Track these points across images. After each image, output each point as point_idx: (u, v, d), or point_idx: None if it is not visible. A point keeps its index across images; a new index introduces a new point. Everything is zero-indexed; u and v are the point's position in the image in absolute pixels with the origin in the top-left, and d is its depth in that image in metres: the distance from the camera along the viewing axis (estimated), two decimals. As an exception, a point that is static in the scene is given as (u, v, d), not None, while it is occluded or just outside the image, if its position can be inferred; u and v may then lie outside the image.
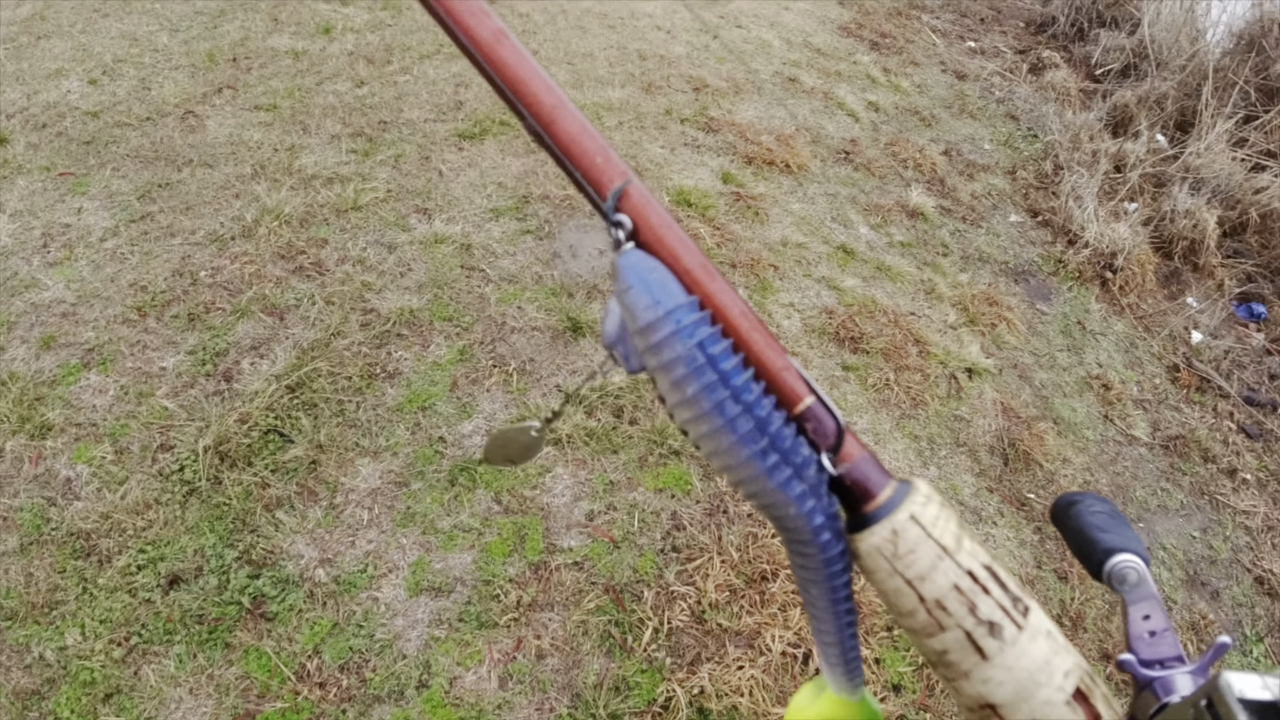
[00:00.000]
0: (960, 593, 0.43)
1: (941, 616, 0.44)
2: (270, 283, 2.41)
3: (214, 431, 1.99)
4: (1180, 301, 3.49)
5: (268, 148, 2.93)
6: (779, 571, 1.99)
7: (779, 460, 0.44)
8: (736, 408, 0.43)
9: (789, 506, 0.44)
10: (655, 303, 0.43)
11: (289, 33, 3.70)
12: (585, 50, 4.02)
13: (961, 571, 0.44)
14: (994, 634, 0.43)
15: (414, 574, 1.84)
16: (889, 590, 0.45)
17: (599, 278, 2.66)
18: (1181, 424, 2.90)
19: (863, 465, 0.46)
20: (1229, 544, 2.55)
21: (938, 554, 0.44)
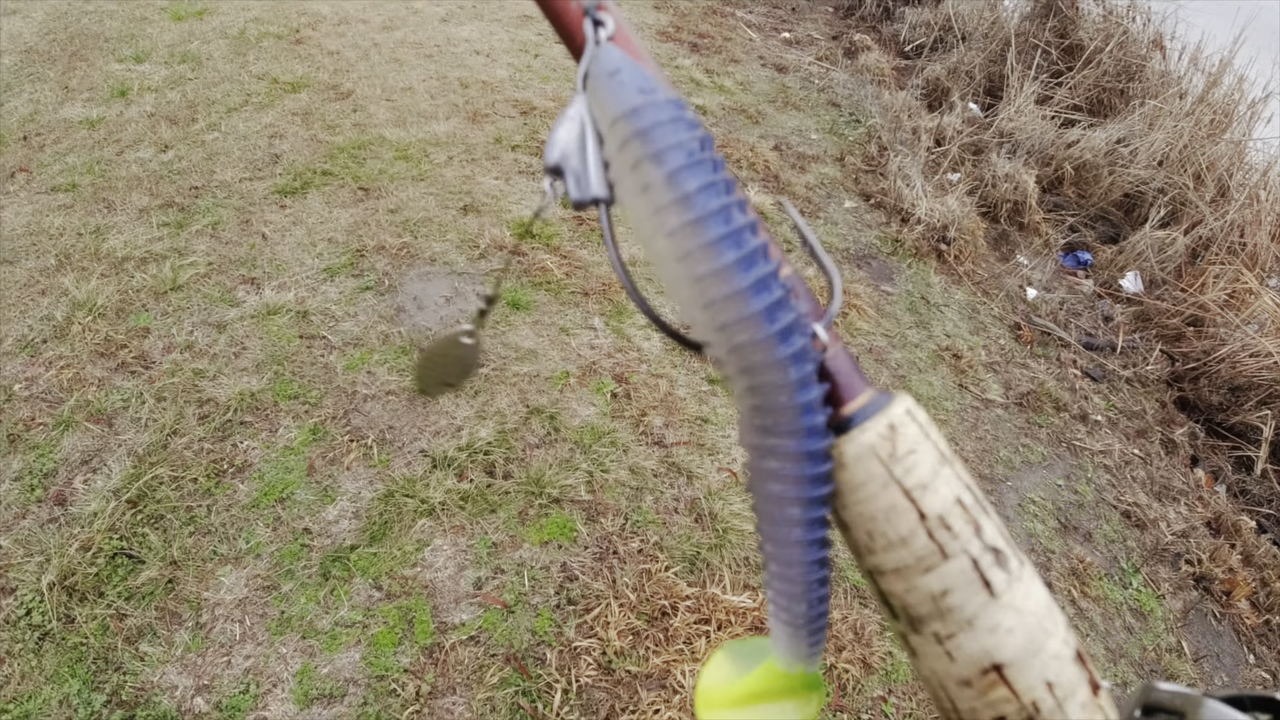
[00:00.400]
0: (965, 510, 0.37)
1: (945, 539, 0.36)
2: (92, 386, 2.22)
3: (56, 565, 1.82)
4: (1013, 262, 3.67)
5: (71, 233, 2.71)
6: (678, 605, 1.97)
7: (782, 298, 0.35)
8: (742, 218, 0.35)
9: (780, 370, 0.35)
10: (652, 88, 0.37)
11: (82, 100, 3.43)
12: (404, 84, 3.89)
13: (962, 485, 0.37)
14: (1001, 564, 0.36)
15: (300, 684, 1.73)
16: (880, 511, 0.37)
17: (449, 328, 2.57)
18: (1031, 379, 3.05)
19: (844, 357, 0.39)
20: (1092, 485, 2.70)
21: (940, 458, 0.37)
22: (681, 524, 2.17)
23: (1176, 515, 2.72)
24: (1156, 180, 3.95)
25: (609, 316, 2.74)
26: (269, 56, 3.94)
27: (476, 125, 3.66)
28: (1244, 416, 3.09)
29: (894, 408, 0.38)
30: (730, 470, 2.33)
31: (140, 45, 3.90)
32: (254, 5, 4.46)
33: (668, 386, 2.53)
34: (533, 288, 2.78)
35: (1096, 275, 3.76)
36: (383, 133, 3.47)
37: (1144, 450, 2.95)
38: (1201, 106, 4.08)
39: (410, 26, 4.49)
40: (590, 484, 2.20)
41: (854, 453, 0.37)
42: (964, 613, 0.36)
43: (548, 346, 2.57)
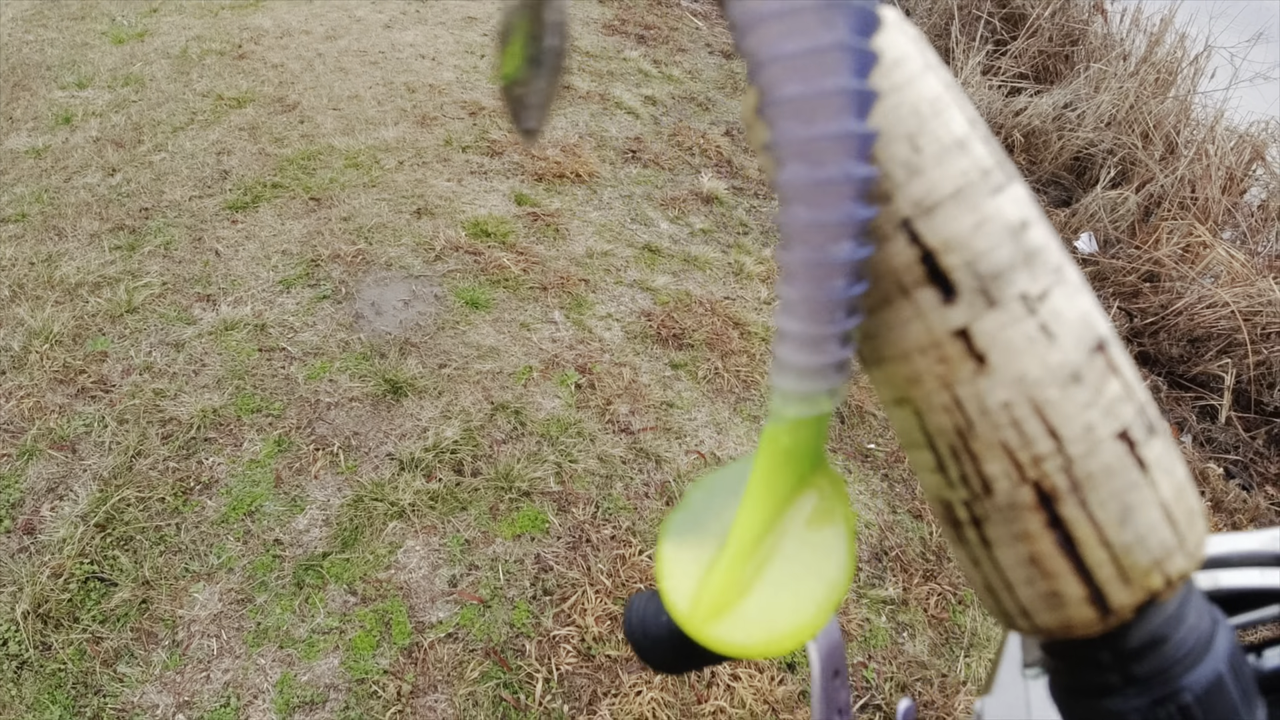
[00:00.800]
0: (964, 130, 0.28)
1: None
2: (53, 414, 2.20)
3: (29, 594, 1.81)
4: (965, 231, 3.71)
5: (22, 263, 2.68)
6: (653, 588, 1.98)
7: None
8: None
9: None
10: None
11: (26, 130, 3.39)
12: (350, 92, 3.88)
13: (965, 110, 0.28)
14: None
15: (281, 694, 1.73)
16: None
17: (408, 331, 2.57)
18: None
19: None
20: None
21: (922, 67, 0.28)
22: (653, 508, 2.19)
23: (1140, 466, 2.78)
24: (1105, 142, 4.02)
25: (569, 309, 2.75)
26: (212, 73, 3.92)
27: (425, 129, 3.66)
28: (1205, 367, 3.15)
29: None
30: (698, 452, 2.36)
31: (82, 71, 3.86)
32: (194, 23, 4.42)
33: (631, 375, 2.55)
34: (491, 286, 2.79)
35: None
36: (331, 142, 3.46)
37: (1105, 405, 3.00)
38: (1145, 66, 4.15)
39: (354, 35, 4.47)
40: (559, 475, 2.22)
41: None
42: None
43: (509, 343, 2.58)
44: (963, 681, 1.99)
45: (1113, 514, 0.27)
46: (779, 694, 1.86)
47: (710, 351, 2.69)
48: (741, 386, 2.60)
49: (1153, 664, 0.29)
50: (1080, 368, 0.27)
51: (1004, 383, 0.27)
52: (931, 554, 2.27)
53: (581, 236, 3.14)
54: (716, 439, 2.42)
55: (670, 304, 2.86)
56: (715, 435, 2.43)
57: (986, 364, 0.27)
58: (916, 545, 2.29)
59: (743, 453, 2.40)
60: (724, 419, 2.49)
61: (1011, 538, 0.28)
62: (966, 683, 1.99)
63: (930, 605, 2.14)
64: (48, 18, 4.39)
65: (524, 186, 3.37)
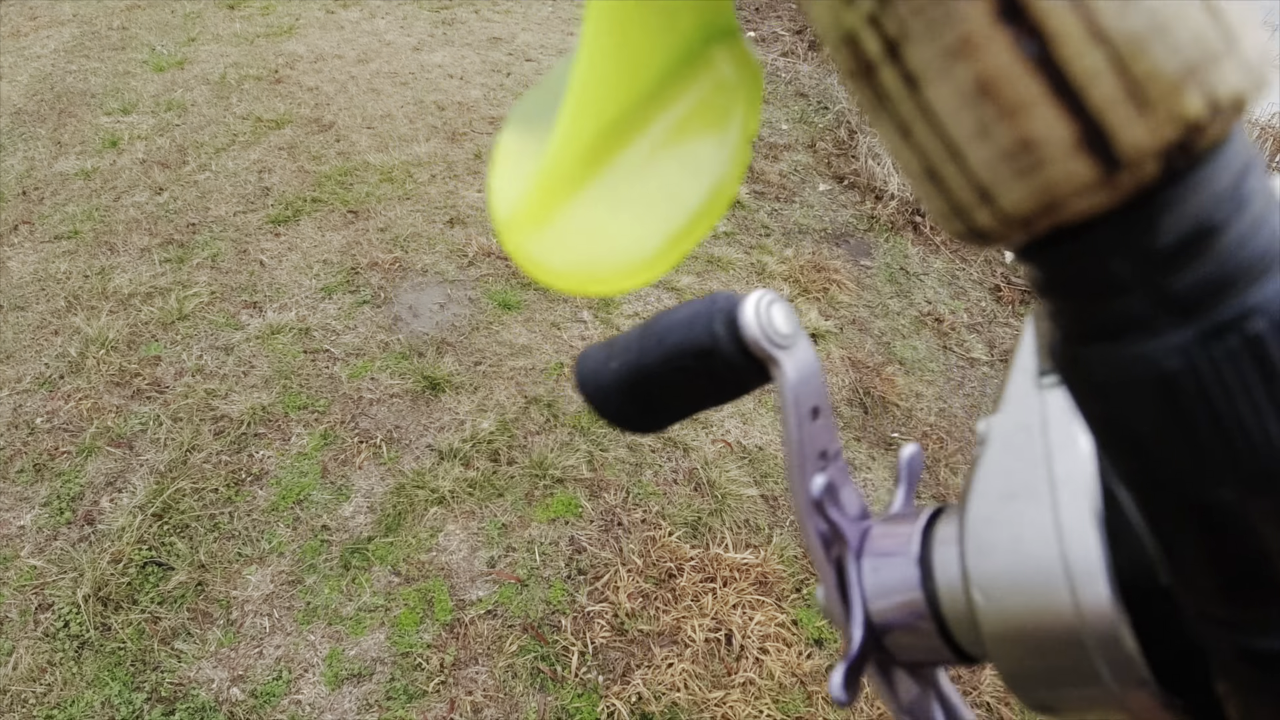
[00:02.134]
0: None
1: None
2: (111, 414, 2.33)
3: (89, 579, 1.92)
4: (985, 229, 3.77)
5: (77, 276, 2.82)
6: (683, 567, 2.06)
7: None
8: None
9: None
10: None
11: (75, 154, 3.56)
12: (383, 111, 4.02)
13: None
14: None
15: (330, 667, 1.83)
16: None
17: (445, 332, 2.68)
18: (1014, 337, 3.14)
19: None
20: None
21: None
22: (681, 493, 2.27)
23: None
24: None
25: (597, 309, 2.85)
26: (251, 97, 4.07)
27: (455, 144, 3.78)
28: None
29: None
30: (725, 441, 2.43)
31: (126, 98, 4.03)
32: (231, 51, 4.59)
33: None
34: (521, 288, 2.89)
35: (1070, 234, 3.86)
36: (366, 158, 3.59)
37: (1128, 394, 3.04)
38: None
39: (384, 58, 4.63)
40: (591, 463, 2.30)
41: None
42: None
43: (540, 341, 2.68)
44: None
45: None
46: (807, 667, 1.92)
47: (735, 346, 2.77)
48: (766, 379, 2.68)
49: (1199, 272, 0.19)
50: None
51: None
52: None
53: (608, 241, 3.23)
54: (742, 429, 2.49)
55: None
56: (741, 425, 2.50)
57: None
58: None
59: (767, 440, 2.48)
60: (749, 410, 2.56)
61: (946, 55, 0.18)
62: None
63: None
64: (89, 49, 4.58)
65: (551, 195, 3.48)
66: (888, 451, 2.53)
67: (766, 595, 2.04)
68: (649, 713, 1.79)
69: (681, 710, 1.80)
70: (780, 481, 2.36)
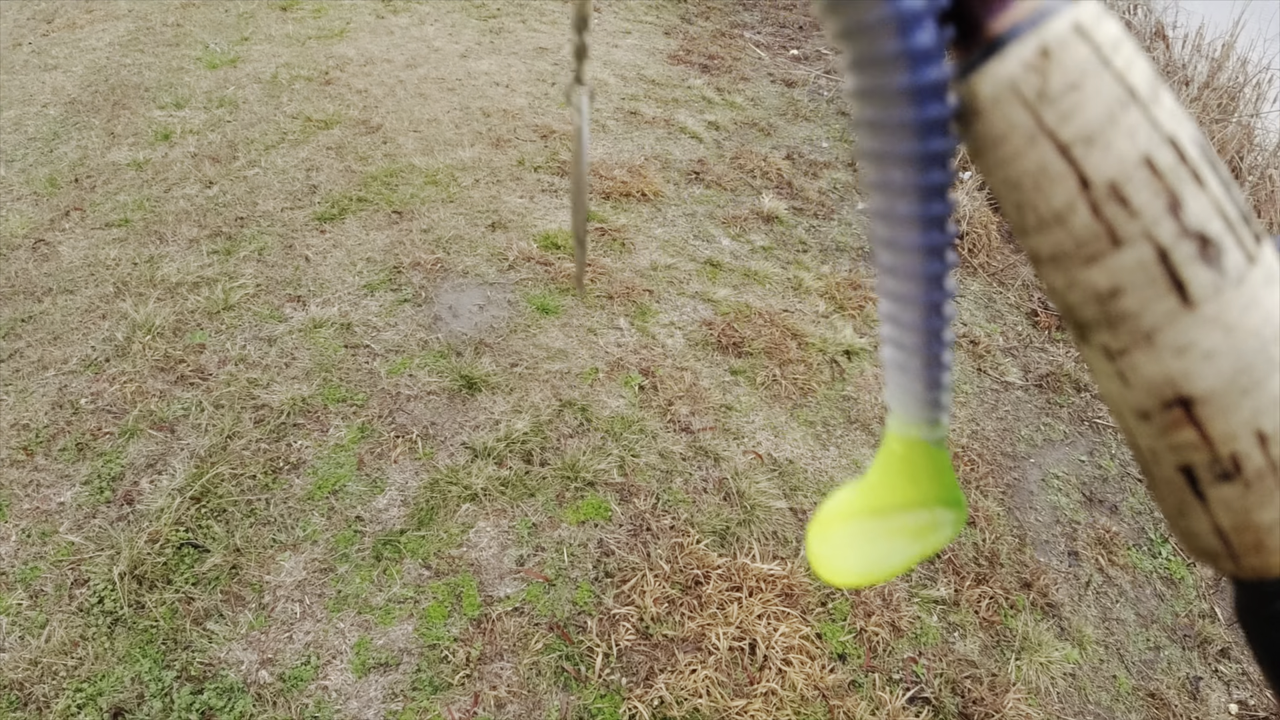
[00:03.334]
0: (1156, 174, 0.26)
1: (1117, 218, 0.26)
2: (154, 398, 2.38)
3: (126, 557, 1.96)
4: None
5: (126, 263, 2.89)
6: (710, 574, 2.07)
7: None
8: None
9: (877, 30, 0.26)
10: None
11: (128, 144, 3.64)
12: (429, 116, 4.08)
13: (1160, 138, 0.26)
14: (1208, 257, 0.26)
15: (358, 655, 1.85)
16: (1026, 175, 0.28)
17: (483, 333, 2.71)
18: (1049, 362, 3.13)
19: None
20: (1116, 460, 2.76)
21: (1120, 97, 0.26)
22: (710, 502, 2.28)
23: (1199, 487, 2.77)
24: (1165, 169, 4.03)
25: (633, 317, 2.87)
26: (301, 97, 4.15)
27: (499, 150, 3.83)
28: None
29: (1055, 21, 0.26)
30: (755, 453, 2.44)
31: (179, 93, 4.12)
32: (283, 51, 4.68)
33: (692, 378, 2.65)
34: (560, 293, 2.92)
35: (1110, 264, 3.84)
36: (412, 161, 3.65)
37: (1164, 426, 3.01)
38: (1208, 92, 4.16)
39: (432, 64, 4.70)
40: (622, 468, 2.32)
41: (989, 92, 0.27)
42: (1141, 323, 0.27)
43: (576, 346, 2.71)
44: (1013, 682, 2.03)
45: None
46: (829, 681, 1.92)
47: (769, 360, 2.78)
48: (799, 394, 2.68)
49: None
50: (1149, 412, 0.30)
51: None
52: (984, 559, 2.32)
53: (646, 250, 3.26)
54: (773, 441, 2.50)
55: (730, 314, 2.96)
56: (772, 438, 2.51)
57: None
58: (969, 550, 2.33)
59: (798, 454, 2.49)
60: (781, 423, 2.57)
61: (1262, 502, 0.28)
62: (1016, 683, 2.03)
63: (981, 608, 2.19)
64: (144, 44, 4.69)
65: (592, 204, 3.51)
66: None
67: (792, 607, 2.04)
68: (670, 717, 1.79)
69: (703, 716, 1.81)
70: (809, 496, 2.37)
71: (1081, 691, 2.08)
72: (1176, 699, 2.11)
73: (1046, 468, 2.69)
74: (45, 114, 3.84)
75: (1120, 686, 2.11)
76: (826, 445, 2.54)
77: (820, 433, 2.58)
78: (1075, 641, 2.18)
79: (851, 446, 2.56)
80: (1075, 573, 2.37)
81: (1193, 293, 0.26)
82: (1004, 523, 2.44)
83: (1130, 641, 2.23)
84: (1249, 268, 0.26)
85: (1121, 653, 2.19)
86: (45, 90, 4.06)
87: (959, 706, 1.96)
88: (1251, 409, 0.26)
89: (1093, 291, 0.28)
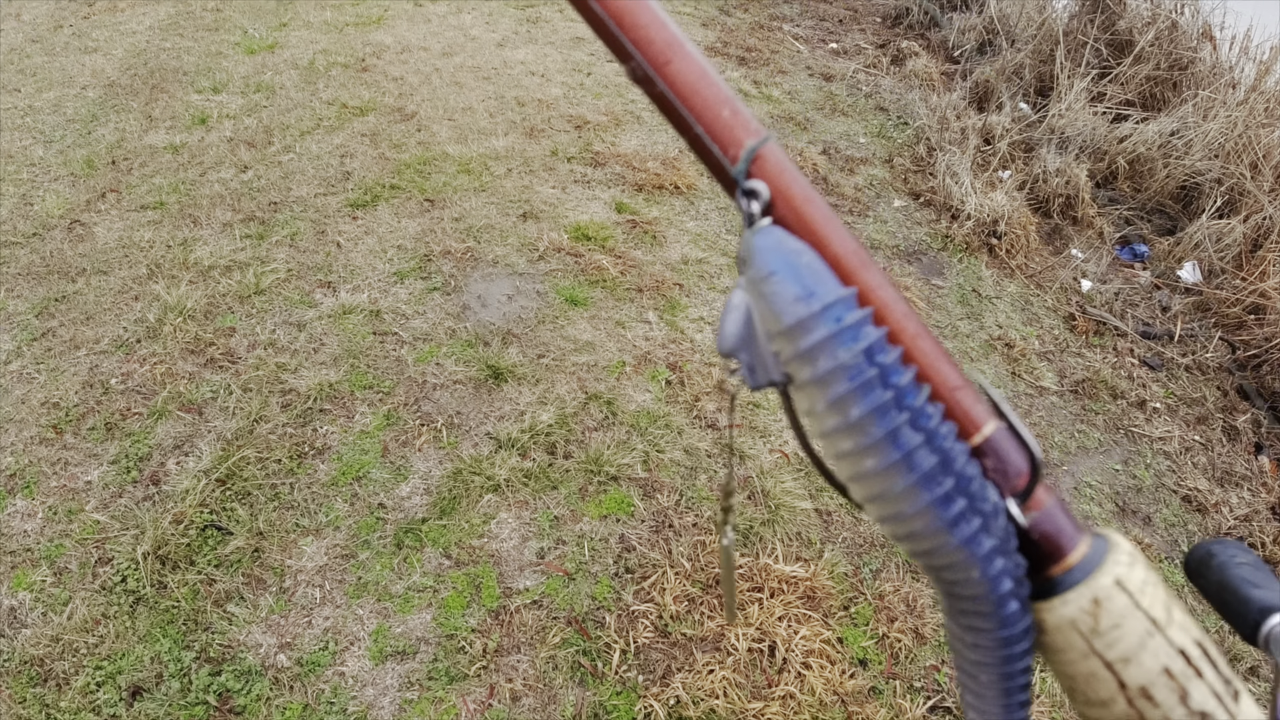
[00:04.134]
0: (1171, 678, 0.36)
1: (1145, 708, 0.36)
2: (183, 380, 2.39)
3: (150, 537, 1.97)
4: (1065, 255, 3.68)
5: (160, 245, 2.91)
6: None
7: (965, 508, 0.35)
8: (915, 437, 0.35)
9: (972, 568, 0.36)
10: (808, 294, 0.34)
11: (165, 128, 3.67)
12: (464, 104, 4.08)
13: (1174, 651, 0.36)
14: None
15: (376, 642, 1.85)
16: (1080, 675, 0.37)
17: (511, 323, 2.71)
18: (1086, 368, 3.06)
19: (1053, 514, 0.38)
20: (1151, 470, 2.70)
21: (1148, 629, 0.36)
22: (736, 502, 2.25)
23: (1239, 500, 2.70)
24: (1212, 171, 3.93)
25: (662, 311, 2.84)
26: (337, 84, 4.16)
27: (533, 140, 3.82)
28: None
29: (1101, 577, 0.36)
30: (782, 452, 2.41)
31: (217, 77, 4.15)
32: (321, 38, 4.70)
33: (720, 374, 2.63)
34: (589, 285, 2.90)
35: (1153, 267, 3.75)
36: (445, 149, 3.65)
37: (1205, 436, 2.93)
38: (1255, 95, 4.05)
39: (468, 52, 4.69)
40: (646, 463, 2.30)
41: (1055, 623, 0.37)
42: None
43: (604, 339, 2.69)
44: (1037, 695, 1.99)
45: None
46: (849, 686, 1.89)
47: (798, 357, 2.75)
48: (828, 392, 2.65)
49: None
50: None
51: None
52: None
53: (677, 244, 3.23)
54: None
55: (761, 311, 2.93)
56: (799, 437, 2.48)
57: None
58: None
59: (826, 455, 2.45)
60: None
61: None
62: (1040, 696, 1.99)
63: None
64: (183, 28, 4.73)
65: (624, 196, 3.49)
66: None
67: (814, 610, 2.02)
68: (686, 717, 1.77)
69: (720, 718, 1.79)
70: (835, 497, 2.33)
71: (1109, 705, 2.03)
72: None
73: (1080, 476, 2.63)
74: (84, 96, 3.89)
75: (1150, 701, 2.06)
76: (854, 445, 2.50)
77: (848, 433, 2.54)
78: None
79: (880, 447, 2.52)
80: (1106, 583, 2.32)
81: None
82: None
83: (1161, 655, 2.17)
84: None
85: (1152, 667, 2.14)
86: (85, 73, 4.11)
87: (982, 716, 1.92)
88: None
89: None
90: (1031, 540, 0.38)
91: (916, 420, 0.35)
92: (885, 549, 2.23)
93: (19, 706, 1.69)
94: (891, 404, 0.34)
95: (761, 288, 0.35)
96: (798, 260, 0.35)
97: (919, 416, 0.35)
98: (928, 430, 0.35)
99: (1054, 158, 3.94)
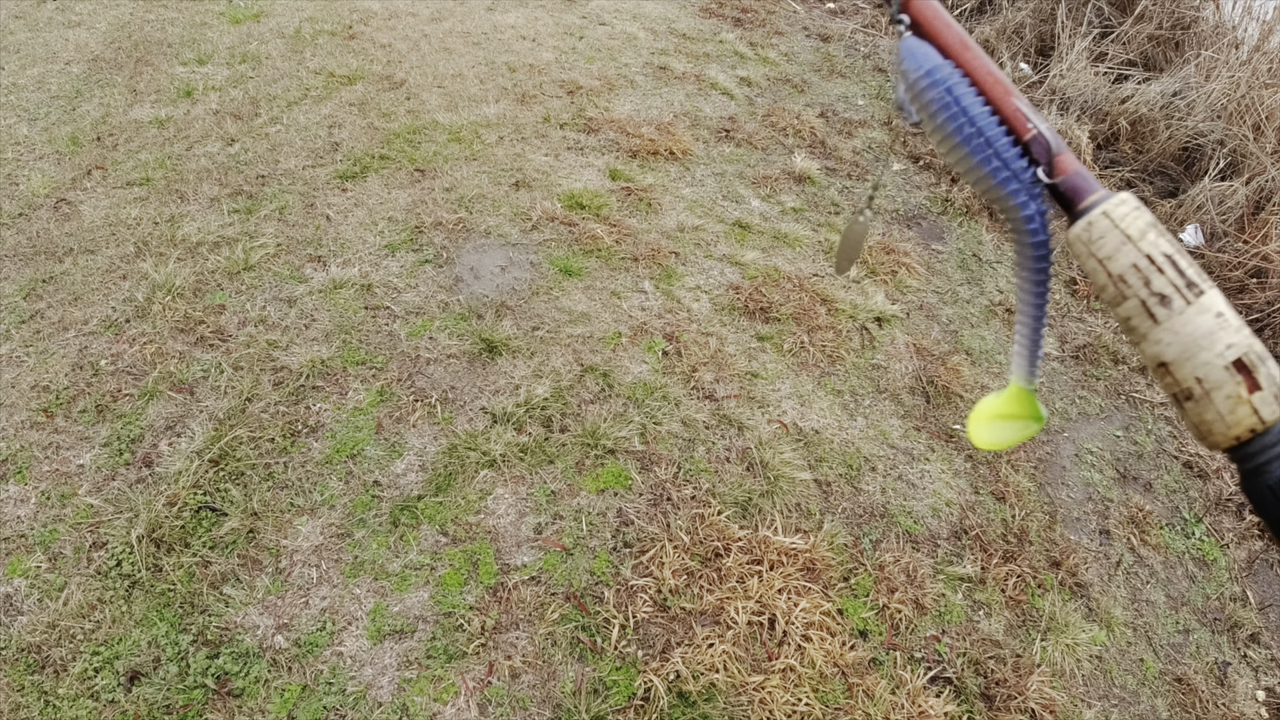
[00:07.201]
0: (1137, 270, 0.57)
1: (1123, 288, 0.58)
2: (174, 359, 2.36)
3: (144, 520, 1.95)
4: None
5: (147, 223, 2.87)
6: (730, 547, 2.03)
7: (1004, 170, 0.64)
8: (974, 133, 0.64)
9: (1010, 201, 0.64)
10: (919, 66, 0.67)
11: (150, 102, 3.61)
12: (454, 71, 4.01)
13: (1140, 254, 0.58)
14: (1164, 304, 0.56)
15: (374, 621, 1.84)
16: (1088, 270, 0.61)
17: (505, 295, 2.67)
18: (1087, 333, 3.03)
19: (1075, 178, 0.63)
20: (1152, 436, 2.68)
21: (1121, 240, 0.58)
22: (733, 472, 2.23)
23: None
24: (1215, 132, 3.88)
25: (658, 280, 2.81)
26: (324, 52, 4.09)
27: (525, 106, 3.76)
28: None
29: (1095, 211, 0.60)
30: (780, 422, 2.39)
31: (201, 49, 4.07)
32: (307, 6, 4.61)
33: (717, 344, 2.60)
34: (584, 255, 2.86)
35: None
36: (435, 118, 3.59)
37: (1204, 398, 2.91)
38: (1258, 55, 3.98)
39: (458, 17, 4.61)
40: (644, 436, 2.28)
41: (1070, 238, 0.61)
42: (1139, 330, 0.58)
43: (600, 309, 2.65)
44: (1037, 664, 1.98)
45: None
46: (849, 658, 1.88)
47: (797, 325, 2.72)
48: (827, 361, 2.62)
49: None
50: (1154, 368, 0.61)
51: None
52: (1013, 536, 2.26)
53: (673, 211, 3.19)
54: (799, 410, 2.44)
55: (759, 278, 2.89)
56: (798, 407, 2.46)
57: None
58: (998, 527, 2.28)
59: (824, 424, 2.43)
60: (808, 391, 2.51)
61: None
62: (1041, 665, 1.98)
63: (1008, 586, 2.13)
64: (170, -1, 4.64)
65: (618, 162, 3.44)
66: (948, 443, 2.47)
67: (813, 582, 2.00)
68: (686, 691, 1.77)
69: (719, 692, 1.78)
70: (834, 467, 2.32)
71: (1107, 675, 2.03)
72: (1204, 684, 2.05)
73: (1080, 442, 2.61)
74: (68, 71, 3.81)
75: (1147, 670, 2.06)
76: (854, 415, 2.48)
77: (848, 402, 2.52)
78: (1103, 623, 2.12)
79: (880, 417, 2.50)
80: (1106, 552, 2.31)
81: (1158, 318, 0.57)
82: (1034, 499, 2.38)
83: (1159, 624, 2.17)
84: (1186, 306, 0.56)
85: (1150, 635, 2.14)
86: (69, 48, 4.03)
87: (981, 687, 1.91)
88: (1191, 367, 0.56)
89: (1123, 315, 0.59)
90: (1062, 192, 0.63)
91: (976, 124, 0.64)
92: (885, 519, 2.22)
93: (17, 694, 1.68)
94: (960, 114, 0.65)
95: (901, 67, 0.67)
96: (917, 50, 0.68)
97: (978, 121, 0.64)
98: (983, 129, 0.64)
99: (1055, 118, 3.88)
